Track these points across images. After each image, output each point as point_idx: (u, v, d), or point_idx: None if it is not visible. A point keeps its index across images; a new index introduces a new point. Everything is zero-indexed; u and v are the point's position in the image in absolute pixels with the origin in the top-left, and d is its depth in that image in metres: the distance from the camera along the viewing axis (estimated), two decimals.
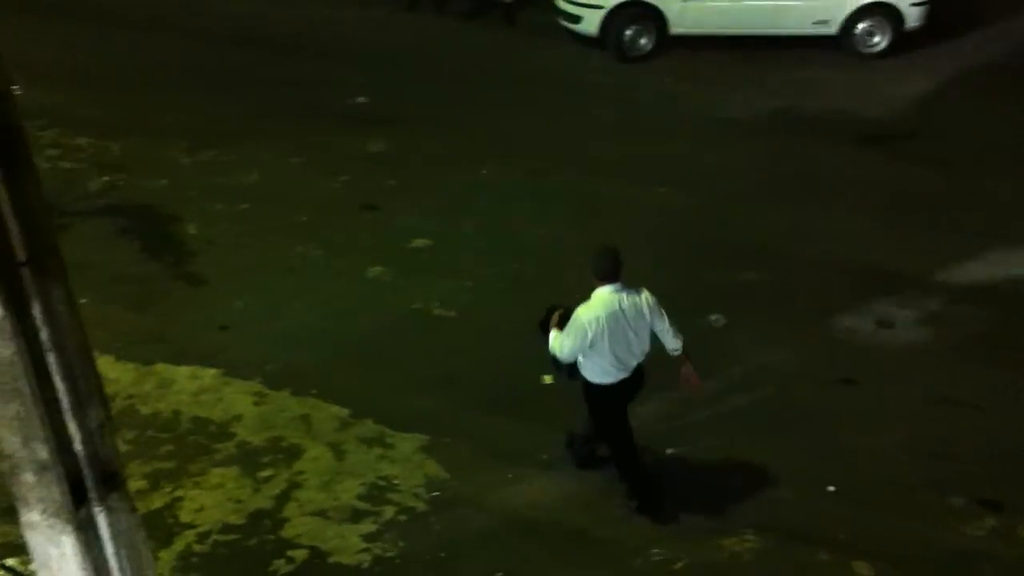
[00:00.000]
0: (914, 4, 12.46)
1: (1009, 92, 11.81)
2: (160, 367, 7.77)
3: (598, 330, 6.09)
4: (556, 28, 12.92)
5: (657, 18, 12.47)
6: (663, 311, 6.34)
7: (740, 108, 11.51)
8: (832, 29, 12.56)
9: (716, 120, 11.29)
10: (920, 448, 7.13)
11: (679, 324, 6.39)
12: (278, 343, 8.04)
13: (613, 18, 12.46)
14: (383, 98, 11.63)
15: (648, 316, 6.28)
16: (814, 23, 12.53)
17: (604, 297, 6.17)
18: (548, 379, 7.66)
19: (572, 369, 6.40)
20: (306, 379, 7.65)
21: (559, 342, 6.20)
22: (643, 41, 12.59)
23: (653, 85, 12.09)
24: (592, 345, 6.13)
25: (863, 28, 12.58)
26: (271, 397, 7.48)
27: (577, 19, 12.68)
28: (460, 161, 10.47)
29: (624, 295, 6.21)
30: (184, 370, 7.73)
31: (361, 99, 11.59)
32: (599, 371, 6.29)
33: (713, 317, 8.34)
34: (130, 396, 7.48)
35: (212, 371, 7.72)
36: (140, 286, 8.68)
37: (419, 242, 9.24)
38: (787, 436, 7.26)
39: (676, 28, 12.52)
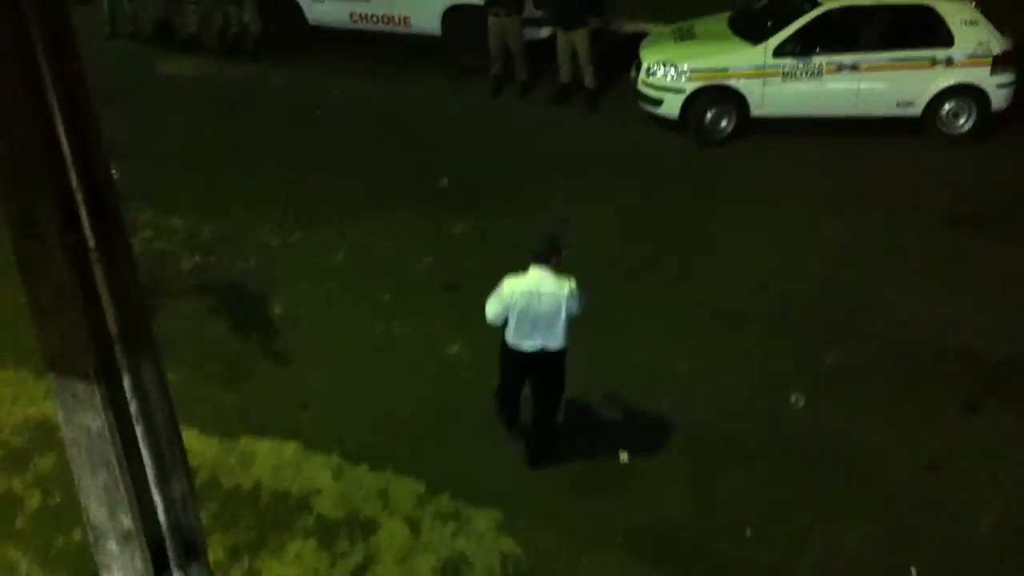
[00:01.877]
0: (1000, 86, 12.35)
1: None
2: (243, 441, 7.95)
3: (512, 302, 7.17)
4: (638, 112, 13.06)
5: (738, 101, 12.55)
6: (581, 297, 7.16)
7: (826, 190, 11.46)
8: (916, 111, 12.50)
9: (802, 201, 11.25)
10: (1010, 531, 6.93)
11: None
12: (358, 419, 8.17)
13: (694, 101, 12.58)
14: (466, 181, 11.85)
15: (567, 302, 7.11)
16: (898, 104, 12.49)
17: (530, 276, 7.19)
18: (624, 457, 7.67)
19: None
20: (384, 454, 7.76)
21: (488, 304, 7.31)
22: (723, 124, 12.67)
23: (733, 167, 12.12)
24: (509, 312, 7.20)
25: (948, 109, 12.49)
26: (349, 472, 7.60)
27: (658, 103, 12.83)
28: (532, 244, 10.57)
29: (548, 280, 7.13)
30: (265, 444, 7.90)
31: (444, 182, 11.82)
32: (509, 329, 7.33)
33: (794, 397, 8.26)
34: (213, 469, 7.65)
35: (293, 445, 7.88)
36: (227, 364, 8.92)
37: None
38: (873, 520, 7.12)
39: (757, 111, 12.58)
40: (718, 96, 12.55)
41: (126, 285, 3.26)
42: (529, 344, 7.31)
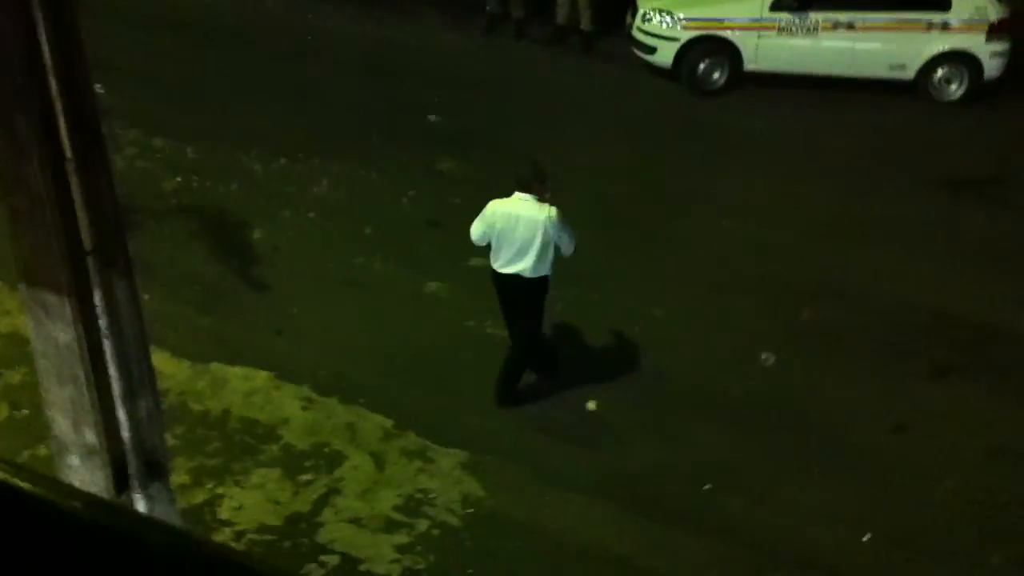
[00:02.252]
0: (995, 54, 12.30)
1: None
2: (215, 366, 7.94)
3: (492, 223, 7.36)
4: (633, 59, 12.97)
5: (732, 54, 12.47)
6: (565, 226, 7.30)
7: (814, 148, 11.46)
8: (909, 74, 12.45)
9: (791, 158, 11.23)
10: (969, 498, 7.04)
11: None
12: (331, 351, 8.18)
13: (688, 51, 12.50)
14: (455, 119, 11.76)
15: (544, 229, 7.22)
16: (891, 67, 12.44)
17: (512, 200, 7.36)
18: (592, 406, 7.72)
19: None
20: (355, 388, 7.78)
21: (473, 224, 7.52)
22: (716, 76, 12.60)
23: (724, 119, 12.08)
24: (491, 234, 7.40)
25: (941, 75, 12.45)
26: (319, 403, 7.61)
27: (652, 50, 12.72)
28: None
29: (528, 206, 7.28)
30: (237, 371, 7.89)
31: (433, 118, 11.73)
32: (494, 256, 7.51)
33: (764, 355, 8.31)
34: (182, 392, 7.65)
35: (264, 374, 7.87)
36: (203, 287, 8.88)
37: (478, 261, 9.29)
38: (834, 478, 7.21)
39: (750, 65, 12.50)
40: (712, 47, 12.46)
41: (103, 199, 3.24)
42: (506, 268, 7.46)
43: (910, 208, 10.36)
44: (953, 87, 12.48)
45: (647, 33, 12.70)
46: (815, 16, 12.23)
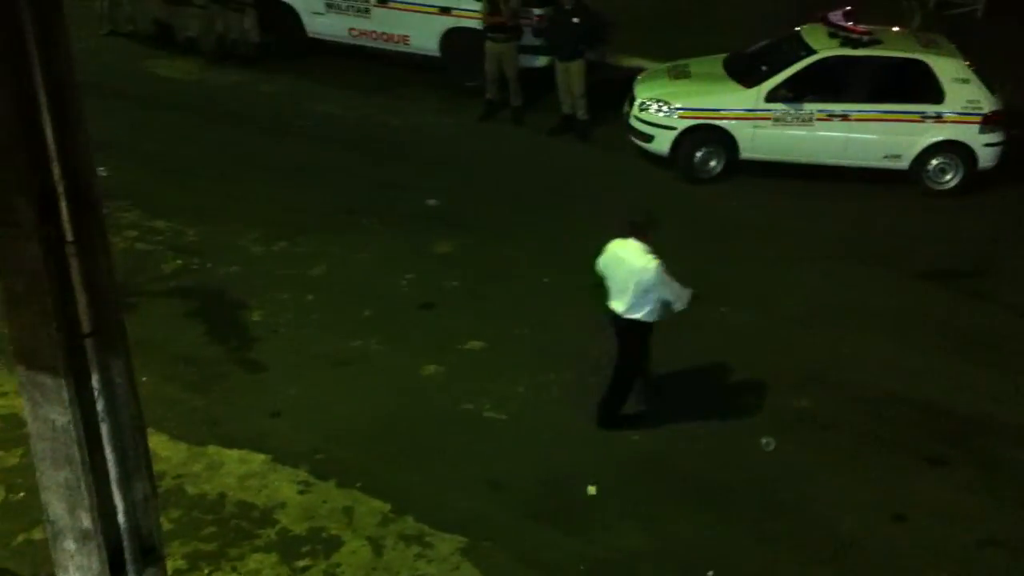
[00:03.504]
0: (988, 144, 12.46)
1: None
2: (211, 449, 7.90)
3: (605, 260, 8.00)
4: (629, 146, 13.13)
5: (728, 143, 12.63)
6: (665, 280, 7.68)
7: (807, 235, 11.55)
8: (904, 164, 12.60)
9: (784, 245, 11.32)
10: None
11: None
12: (328, 434, 8.14)
13: (684, 139, 12.66)
14: (453, 203, 11.87)
15: (640, 278, 7.65)
16: (885, 157, 12.59)
17: (624, 243, 7.85)
18: (593, 490, 7.66)
19: None
20: (352, 472, 7.72)
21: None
22: (712, 164, 12.75)
23: (719, 206, 12.19)
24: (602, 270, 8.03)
25: (935, 165, 12.59)
26: (316, 487, 7.56)
27: (649, 138, 12.90)
28: (523, 268, 10.62)
29: (633, 251, 7.74)
30: (234, 454, 7.85)
31: (432, 202, 11.84)
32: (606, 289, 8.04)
33: (764, 440, 8.28)
34: (179, 475, 7.60)
35: (261, 456, 7.83)
36: (201, 368, 8.88)
37: (475, 344, 9.34)
38: (829, 567, 7.13)
39: (746, 154, 12.66)
40: (709, 136, 12.64)
41: (102, 281, 3.25)
42: (609, 304, 8.03)
43: (900, 298, 10.39)
44: (948, 176, 12.61)
45: (644, 122, 12.89)
46: (810, 107, 12.42)
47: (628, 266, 7.75)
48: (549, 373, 9.01)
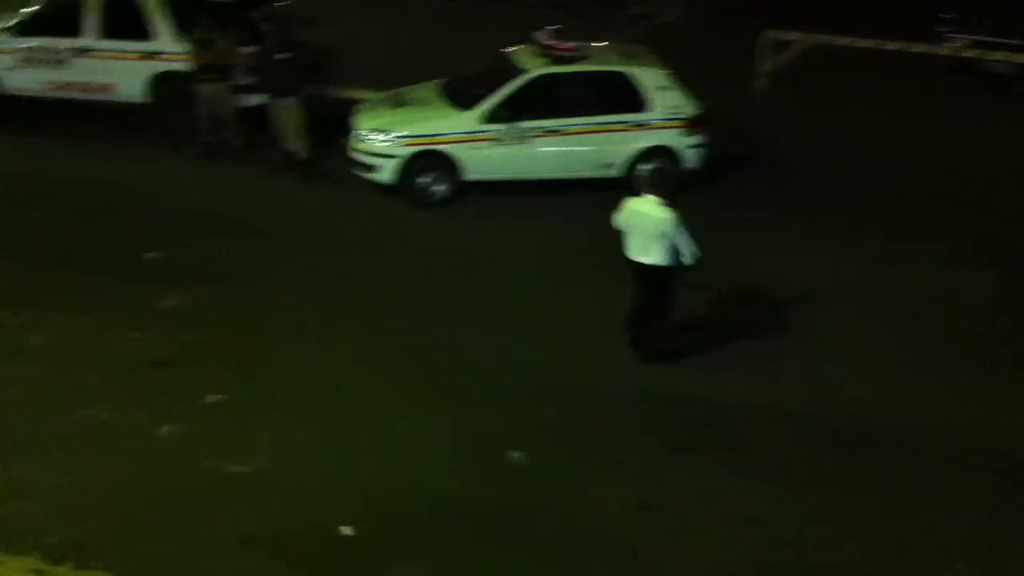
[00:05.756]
0: (692, 147, 13.25)
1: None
2: None
3: (624, 215, 9.48)
4: (356, 178, 13.10)
5: (451, 166, 12.83)
6: (680, 230, 9.13)
7: (532, 250, 11.91)
8: (617, 172, 13.21)
9: (511, 261, 11.63)
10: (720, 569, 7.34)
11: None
12: (64, 513, 7.63)
13: (409, 166, 12.76)
14: (180, 252, 11.44)
15: (657, 227, 9.13)
16: (600, 167, 13.16)
17: (642, 199, 9.36)
18: (348, 530, 7.57)
19: None
20: (92, 550, 7.27)
21: (616, 216, 9.58)
22: (438, 188, 12.91)
23: (447, 229, 12.36)
24: (622, 224, 9.50)
25: (647, 169, 13.24)
26: (49, 573, 7.05)
27: (374, 168, 12.91)
28: (257, 313, 10.37)
29: (651, 205, 9.22)
30: None
31: (153, 254, 11.37)
32: (624, 243, 9.52)
33: (515, 455, 8.42)
34: None
35: None
36: None
37: (213, 397, 9.02)
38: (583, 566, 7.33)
39: (470, 175, 12.90)
40: (432, 161, 12.79)
41: None
42: (631, 255, 9.48)
43: (623, 295, 10.85)
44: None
45: (367, 152, 12.91)
46: (527, 125, 12.82)
47: (649, 218, 9.17)
48: (296, 418, 8.82)
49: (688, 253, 9.24)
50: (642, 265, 9.36)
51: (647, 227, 9.20)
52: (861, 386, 9.61)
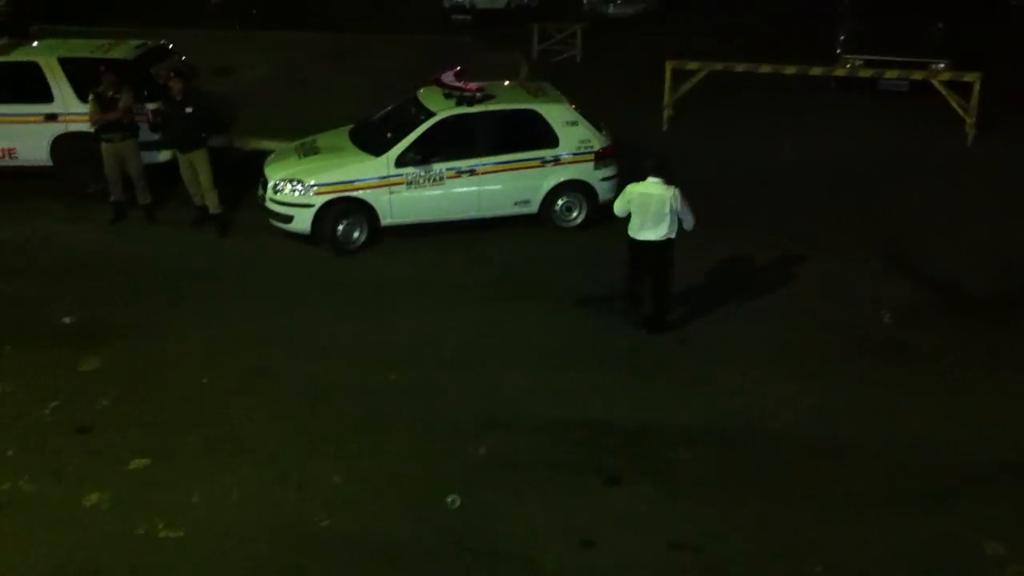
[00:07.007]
0: (604, 179, 13.44)
1: None
2: None
3: (631, 199, 10.46)
4: (271, 228, 13.00)
5: (367, 212, 12.80)
6: (685, 203, 10.30)
7: (452, 286, 11.99)
8: (533, 208, 13.33)
9: (433, 298, 11.66)
10: None
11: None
12: None
13: (324, 214, 12.70)
14: (94, 313, 11.21)
15: (670, 203, 10.25)
16: (516, 203, 13.26)
17: (646, 182, 10.38)
18: None
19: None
20: None
21: (616, 203, 10.74)
22: (356, 234, 12.86)
23: (369, 274, 12.34)
24: (630, 209, 10.48)
25: (561, 204, 13.43)
26: None
27: (289, 219, 12.82)
28: (180, 370, 10.19)
29: (658, 186, 10.29)
30: None
31: (67, 319, 11.12)
32: (631, 224, 10.57)
33: (450, 498, 8.38)
34: None
35: None
36: None
37: (139, 461, 8.82)
38: None
39: (387, 220, 12.90)
40: (347, 208, 12.75)
41: None
42: (641, 235, 10.45)
43: (553, 327, 11.03)
44: (575, 214, 13.54)
45: (281, 203, 12.80)
46: (439, 167, 12.88)
47: (657, 197, 10.24)
48: (226, 475, 8.67)
49: (691, 222, 10.36)
50: (651, 243, 10.41)
51: (657, 204, 10.25)
52: (777, 399, 9.80)
